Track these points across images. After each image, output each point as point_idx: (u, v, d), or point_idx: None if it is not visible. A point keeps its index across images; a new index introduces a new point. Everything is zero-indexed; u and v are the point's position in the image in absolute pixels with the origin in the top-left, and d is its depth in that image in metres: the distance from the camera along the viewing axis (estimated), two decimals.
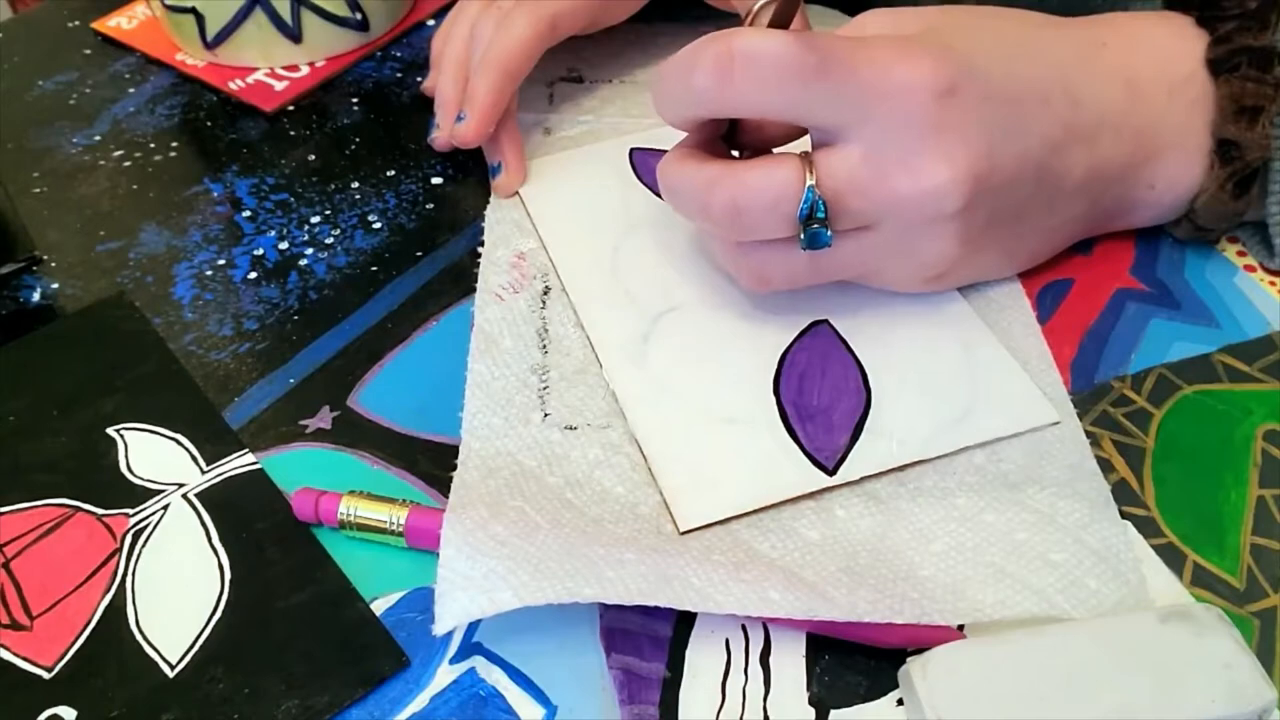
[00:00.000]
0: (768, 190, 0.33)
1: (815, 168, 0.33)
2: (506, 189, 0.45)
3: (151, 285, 0.43)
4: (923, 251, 0.35)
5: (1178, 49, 0.37)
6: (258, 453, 0.36)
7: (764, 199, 0.33)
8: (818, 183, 0.33)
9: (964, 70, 0.33)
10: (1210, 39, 0.36)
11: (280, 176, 0.47)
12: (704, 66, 0.32)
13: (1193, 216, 0.38)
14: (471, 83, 0.44)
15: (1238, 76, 0.36)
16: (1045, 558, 0.31)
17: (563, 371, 0.37)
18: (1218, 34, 0.36)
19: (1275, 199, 0.37)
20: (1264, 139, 0.36)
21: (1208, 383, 0.36)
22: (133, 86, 0.54)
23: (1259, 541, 0.32)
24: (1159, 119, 0.37)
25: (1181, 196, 0.38)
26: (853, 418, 0.35)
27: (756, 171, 0.33)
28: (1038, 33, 0.37)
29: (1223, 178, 0.36)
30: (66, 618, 0.32)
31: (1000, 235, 0.36)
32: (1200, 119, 0.36)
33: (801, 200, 0.33)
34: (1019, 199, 0.35)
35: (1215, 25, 0.37)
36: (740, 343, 0.38)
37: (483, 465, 0.34)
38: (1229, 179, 0.36)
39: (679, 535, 0.32)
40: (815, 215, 0.33)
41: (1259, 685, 0.27)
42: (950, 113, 0.32)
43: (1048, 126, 0.35)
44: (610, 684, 0.30)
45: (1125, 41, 0.37)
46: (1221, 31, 0.36)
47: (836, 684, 0.30)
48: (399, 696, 0.30)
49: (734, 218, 0.34)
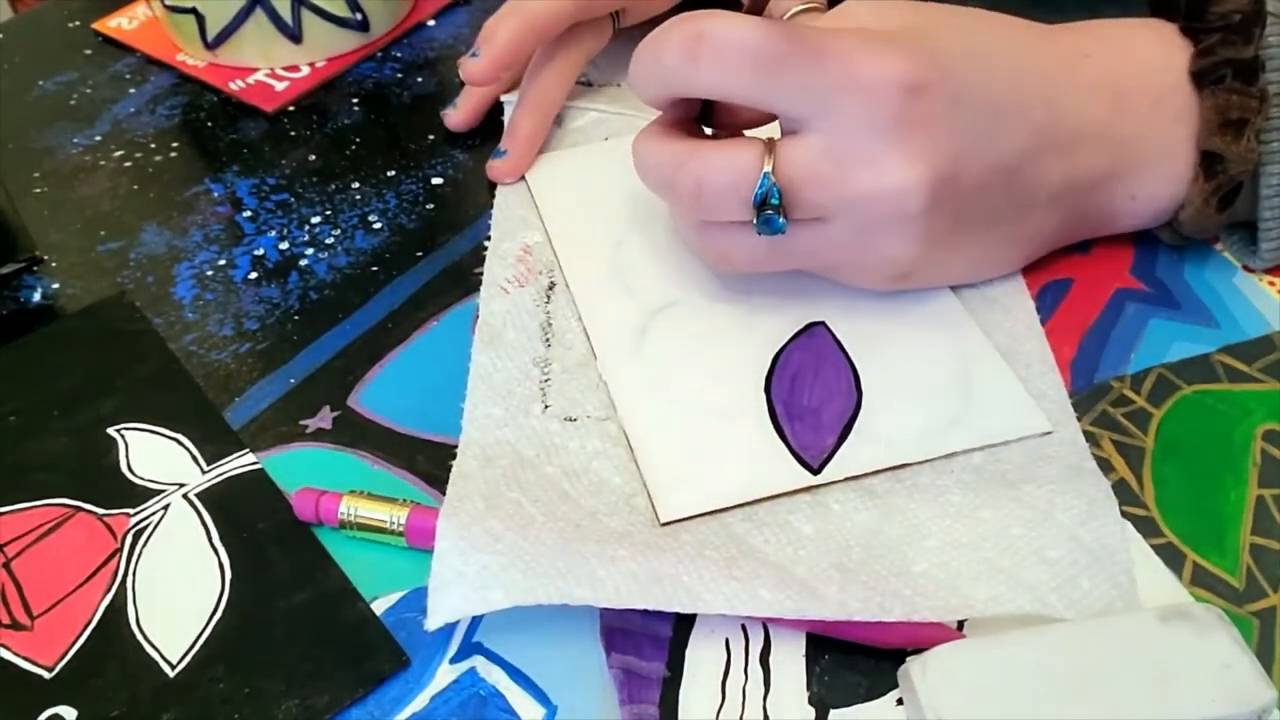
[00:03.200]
0: (727, 172, 0.33)
1: (776, 155, 0.33)
2: (501, 175, 0.45)
3: (152, 285, 0.43)
4: (884, 249, 0.35)
5: (1162, 60, 0.36)
6: (258, 453, 0.36)
7: (723, 180, 0.33)
8: (775, 169, 0.33)
9: (936, 70, 0.32)
10: (1194, 50, 0.36)
11: (281, 177, 0.48)
12: (672, 46, 0.33)
13: (1176, 226, 0.38)
14: (493, 25, 0.44)
15: (1223, 89, 0.35)
16: (1041, 554, 0.31)
17: (564, 364, 0.38)
18: (1202, 45, 0.36)
19: (1269, 206, 0.36)
20: (1249, 152, 0.35)
21: (1207, 383, 0.36)
22: (133, 87, 0.54)
23: (1258, 541, 0.32)
24: (1142, 131, 0.36)
25: (1164, 207, 0.38)
26: (841, 419, 0.35)
27: (720, 153, 0.34)
28: (1021, 40, 0.36)
29: (1207, 191, 0.36)
30: (67, 618, 0.32)
31: (968, 239, 0.36)
32: (1184, 131, 0.36)
33: (757, 185, 0.33)
34: (988, 205, 0.35)
35: (1199, 36, 0.36)
36: (735, 340, 0.38)
37: (481, 454, 0.34)
38: (1214, 193, 0.36)
39: (663, 526, 0.32)
40: (769, 201, 0.33)
41: (1259, 685, 0.27)
42: (918, 111, 0.32)
43: (1023, 135, 0.34)
44: (610, 684, 0.30)
45: (1109, 52, 0.37)
46: (1206, 43, 0.36)
47: (836, 684, 0.30)
48: (399, 696, 0.30)
49: (696, 197, 0.34)
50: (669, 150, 0.35)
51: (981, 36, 0.35)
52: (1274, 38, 0.35)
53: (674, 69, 0.33)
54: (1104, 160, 0.36)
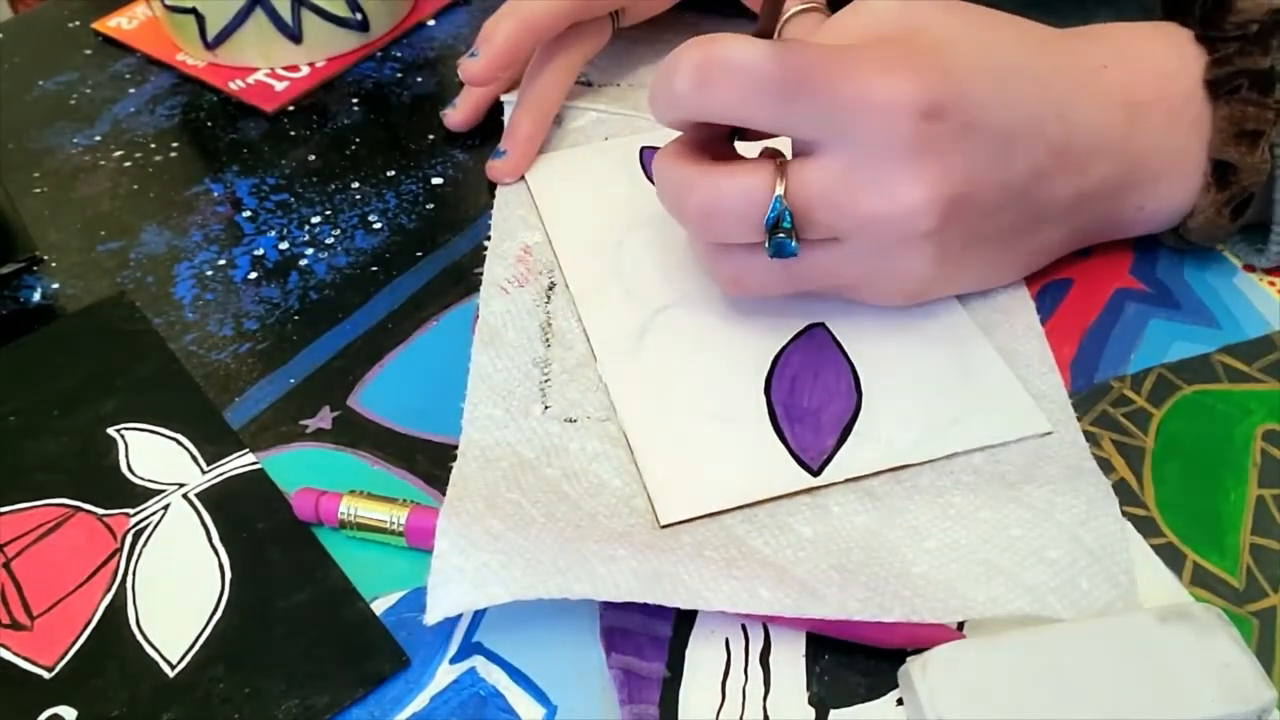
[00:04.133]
0: (737, 196, 0.33)
1: (787, 177, 0.33)
2: (501, 175, 0.45)
3: (152, 285, 0.43)
4: (897, 268, 0.35)
5: (1177, 67, 0.36)
6: (258, 453, 0.36)
7: (733, 205, 0.33)
8: (787, 193, 0.32)
9: (951, 92, 0.32)
10: (1210, 59, 0.36)
11: (280, 176, 0.48)
12: (683, 73, 0.32)
13: (1184, 233, 0.38)
14: (492, 25, 0.44)
15: (1238, 99, 0.35)
16: (1040, 554, 0.31)
17: (564, 365, 0.38)
18: (1218, 55, 0.36)
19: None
20: (1263, 163, 0.35)
21: (1207, 383, 0.36)
22: (133, 87, 0.54)
23: (1258, 541, 0.32)
24: (1157, 142, 0.36)
25: (1172, 216, 0.38)
26: (841, 420, 0.35)
27: (731, 178, 0.33)
28: (1037, 52, 0.35)
29: (1220, 202, 0.36)
30: (67, 618, 0.32)
31: (979, 255, 0.36)
32: (1196, 141, 0.36)
33: (769, 209, 0.33)
34: (1001, 223, 0.35)
35: (1215, 45, 0.36)
36: (735, 342, 0.38)
37: (481, 456, 0.34)
38: (1226, 203, 0.36)
39: (662, 528, 0.32)
40: (781, 225, 0.33)
41: (1259, 685, 0.27)
42: (931, 135, 0.32)
43: (1037, 155, 0.34)
44: (610, 684, 0.30)
45: (1126, 63, 0.36)
46: (1222, 52, 0.35)
47: (836, 684, 0.30)
48: (399, 696, 0.30)
49: (705, 221, 0.34)
50: (682, 173, 0.34)
51: (999, 50, 0.34)
52: None
53: (686, 96, 0.33)
54: (1117, 173, 0.36)
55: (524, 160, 0.46)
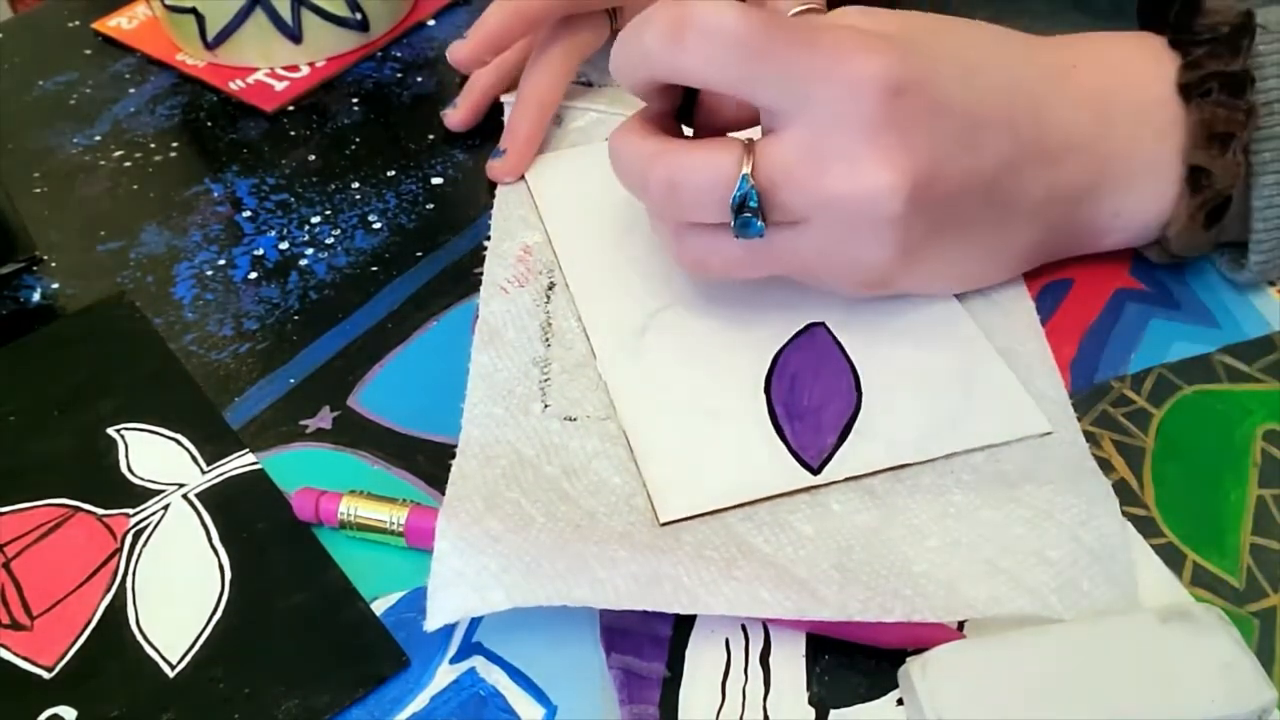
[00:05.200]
0: (704, 172, 0.33)
1: (755, 156, 0.32)
2: (500, 175, 0.45)
3: (152, 285, 0.43)
4: (859, 253, 0.34)
5: (1149, 72, 0.36)
6: (258, 453, 0.36)
7: (700, 181, 0.33)
8: (754, 171, 0.32)
9: (919, 74, 0.32)
10: (1182, 63, 0.36)
11: (280, 176, 0.48)
12: (656, 27, 0.32)
13: (1165, 245, 0.38)
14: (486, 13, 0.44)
15: (1209, 102, 0.35)
16: (1041, 554, 0.31)
17: (564, 364, 0.38)
18: (1189, 58, 0.35)
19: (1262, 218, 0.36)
20: (1235, 166, 0.35)
21: (1207, 383, 0.36)
22: (133, 87, 0.54)
23: (1259, 541, 0.32)
24: (1128, 144, 0.36)
25: (1149, 224, 0.38)
26: (841, 419, 0.35)
27: (697, 153, 0.33)
28: (1010, 50, 0.36)
29: (1193, 207, 0.36)
30: (67, 618, 0.32)
31: (944, 248, 0.36)
32: (1170, 145, 0.36)
33: (735, 187, 0.32)
34: (966, 214, 0.35)
35: (1187, 49, 0.36)
36: (735, 341, 0.38)
37: (481, 453, 0.34)
38: (1199, 208, 0.36)
39: (662, 526, 0.32)
40: (748, 204, 0.32)
41: (1259, 685, 0.27)
42: (897, 113, 0.31)
43: (1005, 145, 0.34)
44: (610, 684, 0.30)
45: (1097, 64, 0.36)
46: (1193, 56, 0.35)
47: (836, 684, 0.30)
48: (399, 696, 0.30)
49: (669, 196, 0.34)
50: (646, 146, 0.34)
51: (972, 47, 0.35)
52: (1263, 49, 0.34)
53: (656, 51, 0.32)
54: (1088, 173, 0.36)
55: (523, 160, 0.46)
